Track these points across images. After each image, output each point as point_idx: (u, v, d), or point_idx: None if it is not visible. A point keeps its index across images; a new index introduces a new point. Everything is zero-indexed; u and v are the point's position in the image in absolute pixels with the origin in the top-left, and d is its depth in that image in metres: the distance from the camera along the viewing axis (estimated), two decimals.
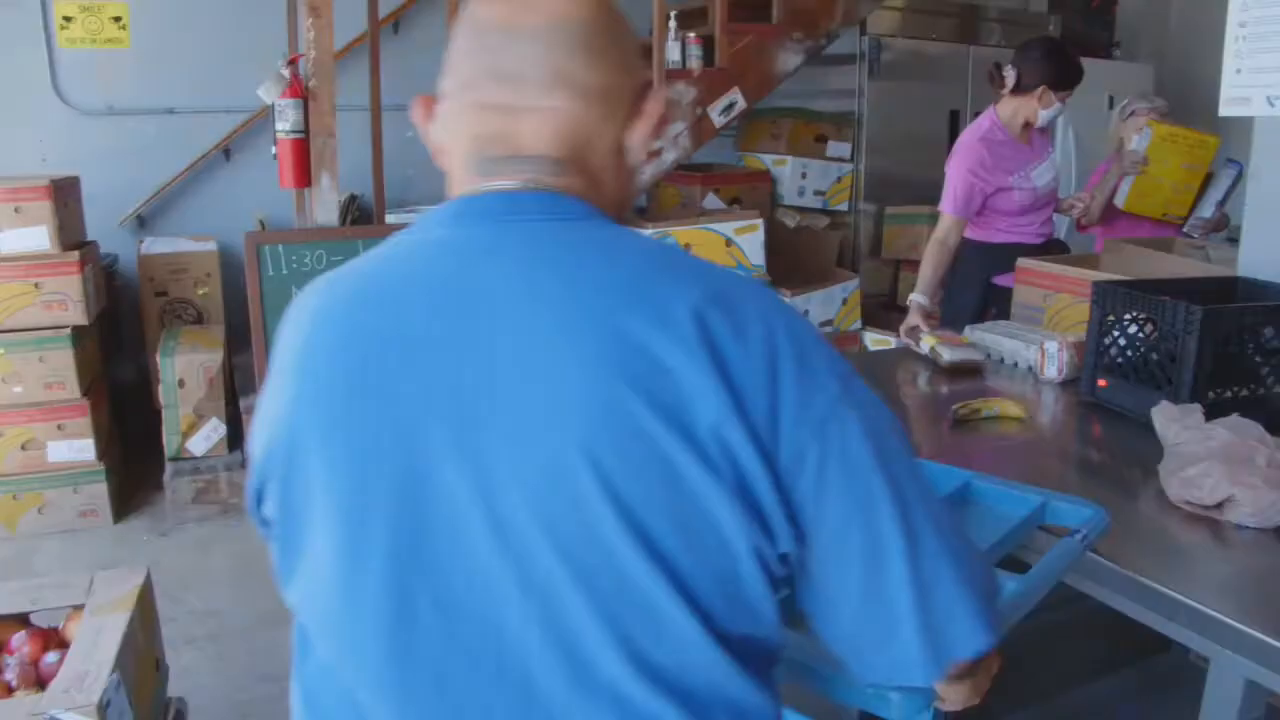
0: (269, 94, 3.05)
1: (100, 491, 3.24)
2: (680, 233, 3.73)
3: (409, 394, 0.71)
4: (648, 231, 3.53)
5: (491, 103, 0.77)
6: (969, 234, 2.97)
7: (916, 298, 2.81)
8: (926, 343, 2.21)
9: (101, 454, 3.23)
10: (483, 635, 0.69)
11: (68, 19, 3.93)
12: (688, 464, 0.66)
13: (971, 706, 0.87)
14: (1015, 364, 2.16)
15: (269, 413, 0.78)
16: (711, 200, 4.21)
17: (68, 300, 3.10)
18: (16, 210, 3.00)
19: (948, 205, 2.89)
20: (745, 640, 0.72)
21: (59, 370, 3.10)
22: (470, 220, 0.76)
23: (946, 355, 2.15)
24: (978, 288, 2.99)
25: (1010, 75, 2.87)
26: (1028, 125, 2.92)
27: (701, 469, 0.67)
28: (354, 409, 0.72)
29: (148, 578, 1.76)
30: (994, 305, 2.87)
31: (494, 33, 0.77)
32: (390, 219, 3.73)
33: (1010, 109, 2.91)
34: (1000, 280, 2.80)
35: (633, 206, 0.78)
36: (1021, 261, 2.49)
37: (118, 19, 3.99)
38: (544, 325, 0.69)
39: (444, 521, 0.69)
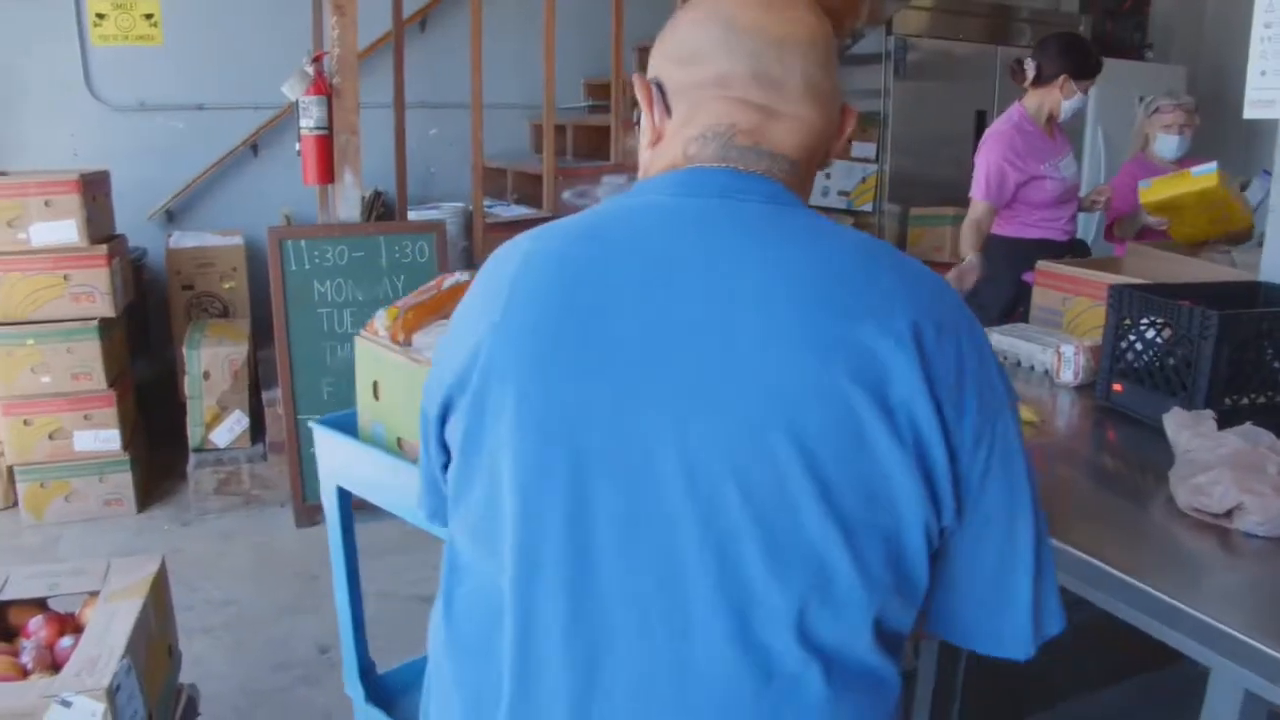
0: (293, 91, 3.08)
1: (125, 481, 3.30)
2: None
3: (617, 340, 0.74)
4: None
5: (749, 100, 0.82)
6: (998, 230, 2.97)
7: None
8: None
9: (127, 444, 3.29)
10: (656, 574, 0.72)
11: (101, 16, 4.00)
12: (878, 431, 0.71)
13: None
14: (1031, 367, 2.13)
15: (464, 338, 0.80)
16: None
17: (96, 293, 3.16)
18: (47, 204, 3.06)
19: (979, 191, 2.91)
20: (892, 610, 0.75)
21: (86, 361, 3.16)
22: (698, 190, 0.81)
23: None
24: (1007, 285, 2.97)
25: (1030, 68, 2.92)
26: (1051, 119, 2.95)
27: (890, 437, 0.71)
28: (561, 346, 0.75)
29: (162, 565, 1.79)
30: (1023, 303, 2.84)
31: (757, 37, 0.82)
32: (412, 215, 3.76)
33: (1035, 102, 2.96)
34: (1030, 277, 2.79)
35: None
36: (1041, 264, 2.47)
37: (149, 16, 4.05)
38: (774, 293, 0.73)
39: (638, 460, 0.72)
